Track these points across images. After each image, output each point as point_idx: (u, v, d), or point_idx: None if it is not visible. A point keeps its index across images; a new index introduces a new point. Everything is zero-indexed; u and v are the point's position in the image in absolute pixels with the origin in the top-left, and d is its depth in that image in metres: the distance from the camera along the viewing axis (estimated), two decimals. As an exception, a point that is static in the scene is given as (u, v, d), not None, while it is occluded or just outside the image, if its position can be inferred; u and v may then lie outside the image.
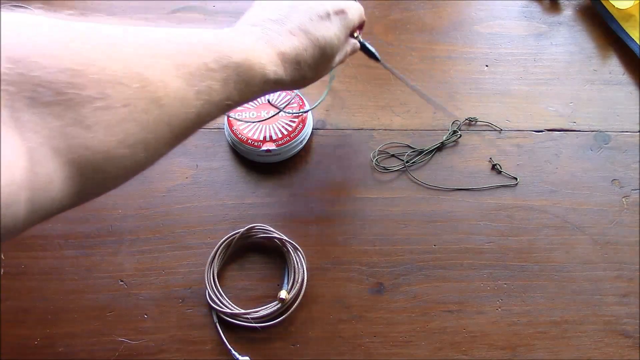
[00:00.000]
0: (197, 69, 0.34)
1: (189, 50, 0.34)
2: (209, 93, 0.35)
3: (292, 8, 0.44)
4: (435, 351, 0.50)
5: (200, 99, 0.34)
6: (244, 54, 0.38)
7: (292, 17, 0.43)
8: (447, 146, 0.60)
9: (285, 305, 0.50)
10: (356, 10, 0.49)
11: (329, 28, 0.44)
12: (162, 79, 0.31)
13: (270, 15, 0.43)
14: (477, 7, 0.71)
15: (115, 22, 0.33)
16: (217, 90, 0.35)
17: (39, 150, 0.25)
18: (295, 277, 0.51)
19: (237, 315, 0.49)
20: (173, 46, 0.34)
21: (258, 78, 0.39)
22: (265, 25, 0.42)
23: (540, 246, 0.54)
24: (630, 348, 0.49)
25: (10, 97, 0.24)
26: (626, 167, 0.59)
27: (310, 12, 0.44)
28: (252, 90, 0.39)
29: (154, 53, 0.32)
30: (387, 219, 0.56)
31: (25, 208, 0.25)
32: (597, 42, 0.68)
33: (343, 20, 0.46)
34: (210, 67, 0.35)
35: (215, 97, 0.35)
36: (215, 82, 0.35)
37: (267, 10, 0.44)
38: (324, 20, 0.44)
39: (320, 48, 0.44)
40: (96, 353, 0.50)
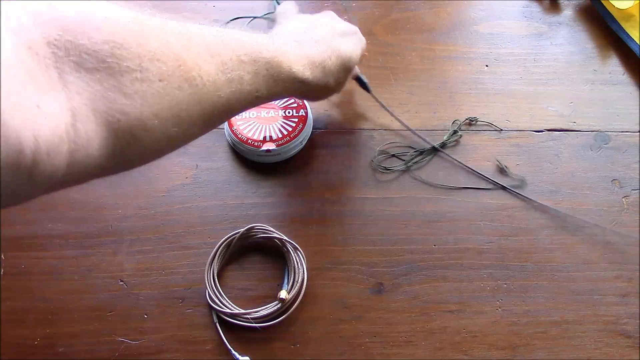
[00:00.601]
0: (230, 59, 0.37)
1: (223, 42, 0.38)
2: (240, 82, 0.38)
3: (315, 24, 0.50)
4: (435, 351, 0.50)
5: (231, 87, 0.37)
6: (274, 52, 0.41)
7: (316, 30, 0.49)
8: (447, 146, 0.60)
9: (285, 305, 0.50)
10: (363, 38, 0.55)
11: (347, 43, 0.50)
12: (197, 62, 0.34)
13: (296, 29, 0.49)
14: (477, 7, 0.71)
15: None
16: (247, 81, 0.39)
17: (81, 110, 0.28)
18: (295, 277, 0.51)
19: (237, 315, 0.49)
20: (209, 38, 0.37)
21: (285, 75, 0.43)
22: (294, 34, 0.48)
23: (540, 246, 0.54)
24: (630, 348, 0.49)
25: (59, 60, 0.27)
26: (626, 167, 0.59)
27: (331, 28, 0.50)
28: (280, 87, 0.43)
29: (190, 40, 0.35)
30: (387, 219, 0.56)
31: (66, 159, 0.27)
32: (597, 42, 0.68)
33: (357, 40, 0.53)
34: (242, 60, 0.38)
35: (245, 87, 0.39)
36: (246, 74, 0.39)
37: (293, 26, 0.49)
38: (343, 36, 0.50)
39: (342, 58, 0.49)
40: (96, 353, 0.50)
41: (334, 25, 0.51)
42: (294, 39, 0.46)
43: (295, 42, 0.46)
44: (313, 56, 0.46)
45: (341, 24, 0.52)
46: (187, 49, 0.34)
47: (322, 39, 0.48)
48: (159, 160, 0.60)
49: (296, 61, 0.44)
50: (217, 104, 0.37)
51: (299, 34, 0.48)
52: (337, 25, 0.51)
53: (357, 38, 0.53)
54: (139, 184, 0.58)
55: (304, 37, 0.47)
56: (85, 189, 0.58)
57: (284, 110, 0.60)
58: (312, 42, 0.47)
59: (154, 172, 0.59)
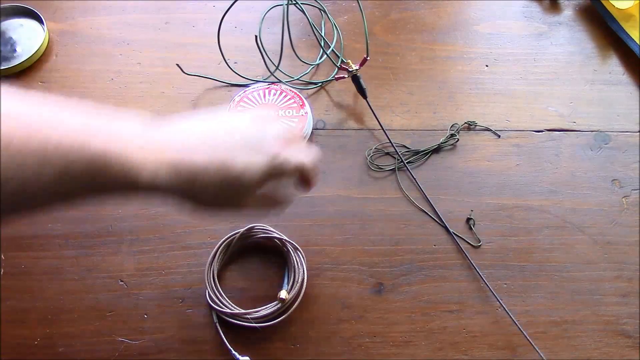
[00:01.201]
0: (22, 141, 0.30)
1: (27, 122, 0.31)
2: (34, 176, 0.30)
3: (216, 125, 0.38)
4: (435, 351, 0.50)
5: (12, 170, 0.30)
6: (111, 143, 0.33)
7: (208, 133, 0.37)
8: (445, 148, 0.60)
9: (285, 305, 0.50)
10: (295, 158, 0.39)
11: (245, 158, 0.37)
12: None
13: (185, 123, 0.38)
14: (477, 7, 0.71)
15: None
16: (47, 176, 0.31)
17: None
18: (295, 277, 0.51)
19: (237, 315, 0.49)
20: (24, 118, 0.31)
21: (120, 178, 0.33)
22: (171, 128, 0.37)
23: (540, 246, 0.54)
24: (630, 348, 0.49)
25: None
26: (626, 167, 0.59)
27: (234, 135, 0.37)
28: (110, 190, 0.34)
29: None
30: (387, 219, 0.56)
31: None
32: (597, 42, 0.68)
33: (270, 158, 0.38)
34: (47, 148, 0.30)
35: (44, 181, 0.31)
36: (48, 168, 0.31)
37: (186, 119, 0.38)
38: (246, 147, 0.37)
39: (227, 173, 0.36)
40: (96, 353, 0.50)
41: (244, 131, 0.38)
42: (168, 137, 0.36)
43: (165, 141, 0.36)
44: (180, 162, 0.35)
45: (258, 131, 0.39)
46: None
47: (208, 144, 0.36)
48: None
49: (149, 162, 0.34)
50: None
51: (180, 132, 0.37)
52: (248, 131, 0.38)
53: (270, 155, 0.38)
54: (139, 184, 0.58)
55: (184, 135, 0.37)
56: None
57: (284, 110, 0.60)
58: (191, 144, 0.36)
59: (154, 172, 0.59)
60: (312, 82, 0.65)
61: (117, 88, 0.65)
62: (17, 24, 0.70)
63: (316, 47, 0.67)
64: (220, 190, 0.36)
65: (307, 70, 0.66)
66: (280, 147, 0.39)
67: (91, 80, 0.66)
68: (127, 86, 0.65)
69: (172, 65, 0.65)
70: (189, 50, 0.68)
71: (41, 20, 0.68)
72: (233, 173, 0.36)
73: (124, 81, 0.65)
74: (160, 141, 0.35)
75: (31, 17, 0.70)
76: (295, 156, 0.40)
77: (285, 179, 0.41)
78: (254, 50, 0.61)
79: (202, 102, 0.64)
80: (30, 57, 0.66)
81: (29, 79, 0.66)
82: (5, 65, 0.65)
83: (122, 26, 0.70)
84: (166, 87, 0.65)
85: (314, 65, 0.66)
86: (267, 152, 0.38)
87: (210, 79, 0.65)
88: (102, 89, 0.65)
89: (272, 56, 0.63)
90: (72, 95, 0.64)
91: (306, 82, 0.65)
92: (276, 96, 0.61)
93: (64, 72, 0.66)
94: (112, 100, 0.64)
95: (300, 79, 0.65)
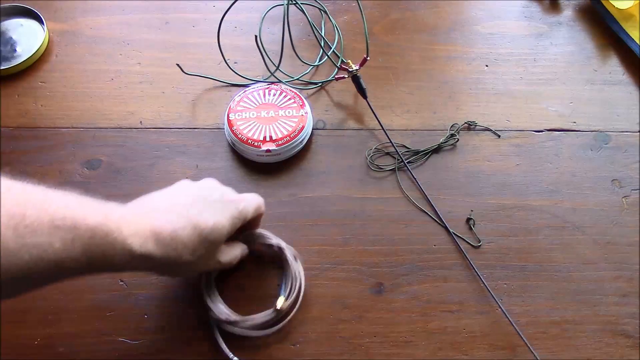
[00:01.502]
0: (35, 222, 0.33)
1: (33, 202, 0.34)
2: (43, 249, 0.34)
3: (177, 191, 0.45)
4: (435, 351, 0.50)
5: (29, 253, 0.33)
6: (104, 219, 0.37)
7: (174, 199, 0.44)
8: (444, 149, 0.60)
9: (281, 313, 0.50)
10: (251, 203, 0.48)
11: (213, 214, 0.43)
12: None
13: (151, 197, 0.44)
14: (477, 7, 0.71)
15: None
16: (55, 249, 0.34)
17: None
18: (292, 284, 0.51)
19: (234, 323, 0.49)
20: (22, 197, 0.34)
21: (118, 247, 0.37)
22: (144, 202, 0.43)
23: (540, 246, 0.54)
24: (630, 348, 0.49)
25: None
26: (626, 167, 0.59)
27: (195, 196, 0.44)
28: (111, 262, 0.38)
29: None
30: (387, 219, 0.56)
31: None
32: (597, 42, 0.68)
33: (232, 209, 0.45)
34: (55, 225, 0.34)
35: (51, 255, 0.34)
36: (56, 241, 0.34)
37: (150, 196, 0.44)
38: (210, 206, 0.44)
39: (201, 229, 0.42)
40: (96, 353, 0.50)
41: (201, 193, 0.45)
42: (141, 207, 0.42)
43: (140, 210, 0.42)
44: (160, 227, 0.40)
45: (212, 190, 0.46)
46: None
47: (178, 207, 0.42)
48: (159, 161, 0.60)
49: (134, 232, 0.38)
50: (13, 270, 0.33)
51: (150, 202, 0.43)
52: (204, 192, 0.46)
53: (232, 206, 0.45)
54: (139, 184, 0.58)
55: (155, 205, 0.43)
56: (85, 189, 0.58)
57: (284, 110, 0.60)
58: (164, 211, 0.42)
59: (154, 172, 0.59)
60: (312, 82, 0.65)
61: (117, 88, 0.65)
62: (17, 24, 0.70)
63: (316, 47, 0.67)
64: (199, 245, 0.42)
65: (307, 70, 0.66)
66: (237, 198, 0.47)
67: (91, 80, 0.66)
68: (127, 86, 0.65)
69: (172, 65, 0.65)
70: (189, 50, 0.68)
71: (41, 20, 0.68)
72: (206, 229, 0.42)
73: (124, 81, 0.66)
74: (139, 214, 0.41)
75: (31, 17, 0.70)
76: (251, 200, 0.48)
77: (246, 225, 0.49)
78: (254, 50, 0.61)
79: (202, 102, 0.64)
80: (30, 57, 0.66)
81: (29, 79, 0.66)
82: (5, 65, 0.65)
83: (122, 26, 0.70)
84: (166, 87, 0.65)
85: (314, 66, 0.66)
86: (229, 205, 0.45)
87: (210, 79, 0.65)
88: (102, 89, 0.65)
89: (272, 56, 0.63)
90: (73, 95, 0.64)
91: (306, 82, 0.65)
92: (276, 96, 0.61)
93: (64, 72, 0.66)
94: (112, 100, 0.64)
95: (300, 79, 0.65)
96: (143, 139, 0.61)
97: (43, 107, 0.64)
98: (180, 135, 0.62)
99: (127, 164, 0.60)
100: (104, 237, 0.36)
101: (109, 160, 0.60)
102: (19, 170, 0.59)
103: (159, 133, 0.62)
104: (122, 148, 0.61)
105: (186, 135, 0.61)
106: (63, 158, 0.60)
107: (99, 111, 0.63)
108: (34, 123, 0.62)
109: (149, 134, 0.62)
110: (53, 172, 0.59)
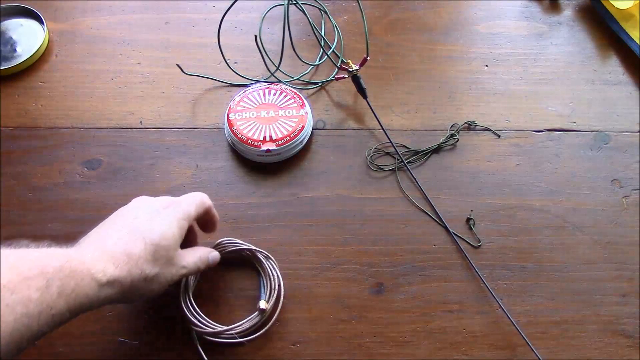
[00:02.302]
0: (10, 283, 0.34)
1: (10, 265, 0.35)
2: (24, 305, 0.34)
3: (117, 217, 0.45)
4: (435, 351, 0.50)
5: (13, 313, 0.33)
6: (67, 258, 0.38)
7: (117, 220, 0.45)
8: (444, 148, 0.60)
9: (266, 314, 0.50)
10: (191, 201, 0.48)
11: (158, 223, 0.44)
12: None
13: (98, 229, 0.44)
14: (477, 7, 0.71)
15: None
16: (35, 300, 0.34)
17: None
18: (271, 285, 0.51)
19: (220, 334, 0.49)
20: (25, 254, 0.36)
21: (87, 280, 0.38)
22: (94, 235, 0.43)
23: (540, 246, 0.54)
24: (630, 348, 0.49)
25: None
26: (626, 167, 0.59)
27: (134, 212, 0.45)
28: (86, 296, 0.38)
29: None
30: (387, 219, 0.56)
31: None
32: (597, 42, 0.68)
33: (175, 213, 0.45)
34: (27, 277, 0.34)
35: (32, 309, 0.34)
36: (33, 292, 0.34)
37: (97, 228, 0.45)
38: (152, 217, 0.44)
39: (151, 239, 0.42)
40: (96, 353, 0.50)
41: (140, 207, 0.46)
42: (89, 237, 0.43)
43: (90, 239, 0.42)
44: (113, 250, 0.41)
45: (150, 205, 0.46)
46: None
47: (122, 226, 0.43)
48: (159, 161, 0.60)
49: (94, 261, 0.39)
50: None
51: (97, 230, 0.44)
52: (143, 204, 0.46)
53: (173, 211, 0.46)
54: (139, 184, 0.58)
55: (102, 231, 0.43)
56: (85, 189, 0.58)
57: (284, 110, 0.60)
58: (112, 234, 0.42)
59: (154, 172, 0.59)
60: (312, 82, 0.65)
61: (117, 88, 0.65)
62: (17, 24, 0.70)
63: (316, 47, 0.67)
64: (155, 255, 0.42)
65: (307, 70, 0.66)
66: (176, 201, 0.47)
67: (91, 80, 0.66)
68: (127, 86, 0.65)
69: (172, 65, 0.65)
70: (189, 50, 0.68)
71: (41, 20, 0.68)
72: (156, 238, 0.42)
73: (124, 81, 0.66)
74: (93, 245, 0.42)
75: (31, 17, 0.70)
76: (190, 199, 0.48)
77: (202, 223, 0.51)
78: (254, 50, 0.61)
79: (202, 102, 0.64)
80: (30, 57, 0.66)
81: (29, 79, 0.66)
82: (5, 65, 0.65)
83: (122, 26, 0.70)
84: (166, 87, 0.65)
85: (314, 66, 0.66)
86: (170, 210, 0.45)
87: (210, 79, 0.65)
88: (102, 89, 0.65)
89: (272, 56, 0.63)
90: (73, 95, 0.64)
91: (306, 82, 0.65)
92: (276, 96, 0.61)
93: (64, 72, 0.66)
94: (112, 100, 0.64)
95: (300, 79, 0.65)
96: (143, 139, 0.61)
97: (43, 107, 0.64)
98: (180, 135, 0.62)
99: (127, 164, 0.60)
100: (72, 274, 0.37)
101: (109, 160, 0.60)
102: (19, 170, 0.59)
103: (159, 133, 0.62)
104: (122, 148, 0.61)
105: (186, 135, 0.61)
106: (63, 158, 0.60)
107: (99, 111, 0.63)
108: (34, 123, 0.62)
109: (149, 134, 0.62)
110: (53, 172, 0.59)
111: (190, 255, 0.47)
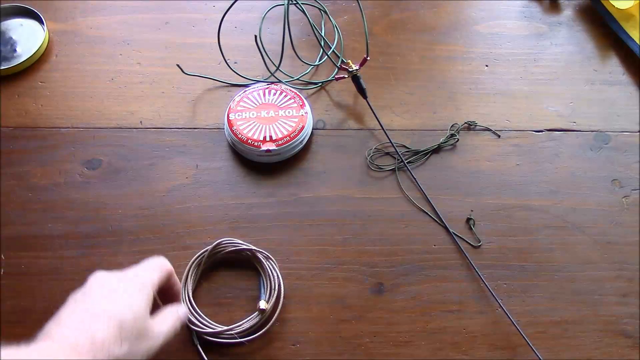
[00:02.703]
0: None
1: None
2: None
3: (75, 299, 0.43)
4: (435, 351, 0.50)
5: None
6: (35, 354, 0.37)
7: (77, 306, 0.42)
8: (445, 149, 0.60)
9: (266, 314, 0.50)
10: (151, 269, 0.45)
11: (121, 299, 0.41)
12: None
13: (58, 320, 0.41)
14: (477, 7, 0.71)
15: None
16: None
17: None
18: (271, 285, 0.51)
19: (220, 333, 0.49)
20: None
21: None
22: (50, 324, 0.41)
23: (540, 246, 0.54)
24: (630, 348, 0.49)
25: None
26: (626, 167, 0.59)
27: (93, 293, 0.42)
28: None
29: None
30: (387, 219, 0.56)
31: None
32: (597, 42, 0.68)
33: (136, 285, 0.43)
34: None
35: None
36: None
37: (55, 319, 0.42)
38: (112, 296, 0.42)
39: (116, 321, 0.39)
40: (96, 353, 0.49)
41: (101, 286, 0.43)
42: (51, 332, 0.40)
43: (51, 335, 0.40)
44: (75, 338, 0.38)
45: (107, 283, 0.43)
46: None
47: (85, 311, 0.40)
48: (158, 161, 0.60)
49: (55, 355, 0.37)
50: None
51: (56, 323, 0.41)
52: (103, 281, 0.43)
53: (134, 284, 0.43)
54: (139, 184, 0.58)
55: (66, 321, 0.41)
56: (85, 189, 0.58)
57: (284, 110, 0.60)
58: (76, 321, 0.40)
59: (154, 172, 0.59)
60: (312, 82, 0.65)
61: (117, 88, 0.65)
62: (17, 24, 0.70)
63: (316, 47, 0.67)
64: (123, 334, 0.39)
65: (307, 70, 0.66)
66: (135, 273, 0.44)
67: (91, 80, 0.66)
68: (127, 86, 0.65)
69: (172, 65, 0.65)
70: (189, 50, 0.68)
71: (41, 20, 0.68)
72: (121, 315, 0.40)
73: (124, 81, 0.66)
74: (53, 339, 0.40)
75: (31, 17, 0.70)
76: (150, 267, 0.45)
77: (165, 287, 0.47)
78: (254, 50, 0.61)
79: (202, 102, 0.64)
80: (30, 57, 0.66)
81: (29, 79, 0.66)
82: (5, 65, 0.65)
83: (122, 26, 0.70)
84: (166, 87, 0.65)
85: (314, 66, 0.66)
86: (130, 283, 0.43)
87: (210, 79, 0.65)
88: (102, 89, 0.65)
89: (272, 56, 0.63)
90: (73, 95, 0.64)
91: (306, 82, 0.65)
92: (276, 96, 0.61)
93: (64, 72, 0.66)
94: (112, 100, 0.64)
95: (300, 79, 0.65)
96: (143, 139, 0.61)
97: (43, 107, 0.64)
98: (180, 135, 0.62)
99: (127, 164, 0.60)
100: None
101: (109, 160, 0.60)
102: (19, 170, 0.59)
103: (159, 133, 0.62)
104: (122, 148, 0.61)
105: (186, 135, 0.61)
106: (63, 158, 0.60)
107: (99, 111, 0.63)
108: (34, 123, 0.62)
109: (149, 133, 0.62)
110: (53, 172, 0.59)
111: (163, 323, 0.44)
